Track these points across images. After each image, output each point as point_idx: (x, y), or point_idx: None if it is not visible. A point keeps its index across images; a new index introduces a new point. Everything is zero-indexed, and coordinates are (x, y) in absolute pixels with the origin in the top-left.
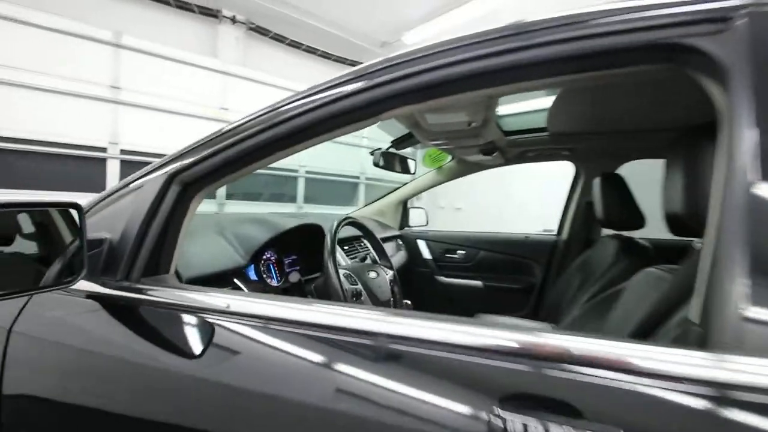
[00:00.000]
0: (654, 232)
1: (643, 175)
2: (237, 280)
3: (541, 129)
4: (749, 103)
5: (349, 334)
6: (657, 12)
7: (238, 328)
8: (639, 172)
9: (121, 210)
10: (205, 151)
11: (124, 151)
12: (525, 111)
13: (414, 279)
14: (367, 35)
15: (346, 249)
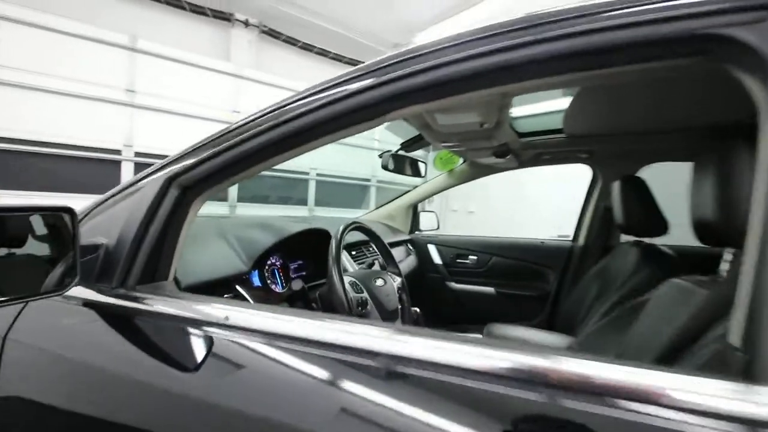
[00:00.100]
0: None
1: (656, 179)
2: (239, 287)
3: (557, 131)
4: None
5: (352, 353)
6: (688, 0)
7: (235, 343)
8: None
9: (118, 214)
10: (204, 153)
11: (138, 154)
12: (540, 113)
13: (424, 285)
14: (379, 37)
15: (353, 254)
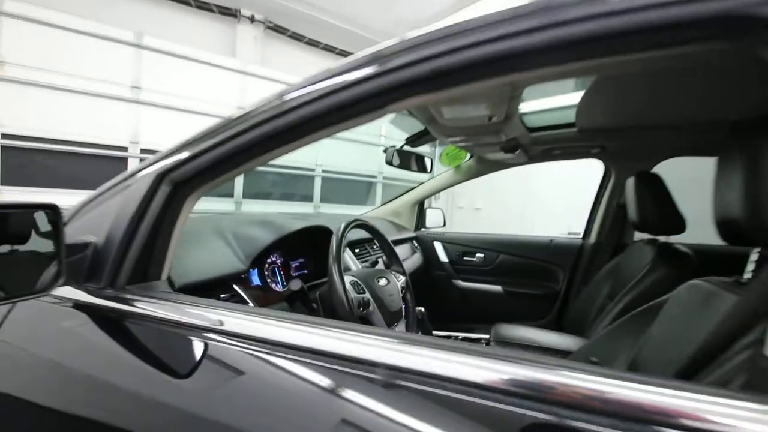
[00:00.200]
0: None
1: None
2: (237, 287)
3: (568, 125)
4: None
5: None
6: None
7: (228, 350)
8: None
9: (108, 212)
10: (198, 147)
11: (144, 151)
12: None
13: (430, 283)
14: (385, 32)
15: (357, 252)
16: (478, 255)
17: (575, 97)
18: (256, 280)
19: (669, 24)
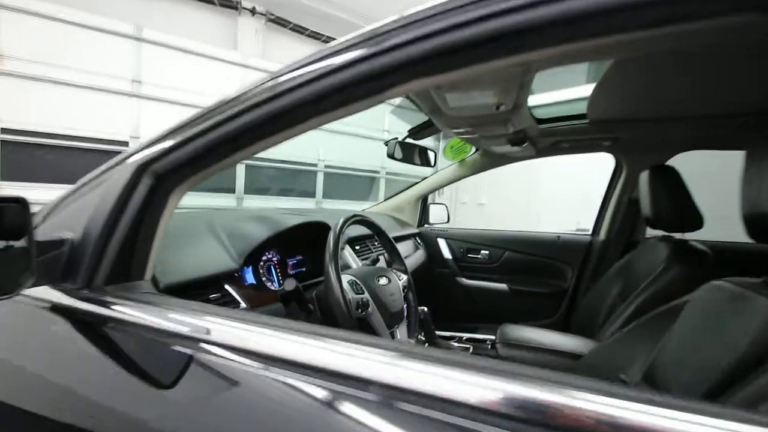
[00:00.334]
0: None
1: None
2: (228, 286)
3: (579, 116)
4: None
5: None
6: None
7: (211, 361)
8: None
9: (85, 206)
10: (182, 135)
11: None
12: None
13: (433, 281)
14: None
15: (357, 249)
16: (483, 252)
17: (587, 89)
18: (250, 279)
19: None
